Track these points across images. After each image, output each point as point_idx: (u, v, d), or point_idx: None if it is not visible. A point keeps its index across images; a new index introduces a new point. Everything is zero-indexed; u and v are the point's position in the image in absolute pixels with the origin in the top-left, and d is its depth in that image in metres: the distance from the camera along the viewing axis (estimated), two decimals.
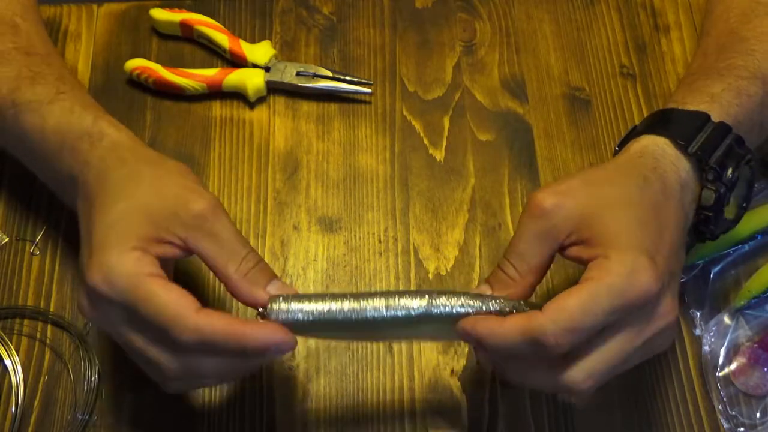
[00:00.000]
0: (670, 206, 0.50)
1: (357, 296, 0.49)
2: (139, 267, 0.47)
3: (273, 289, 0.51)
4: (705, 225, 0.53)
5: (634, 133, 0.55)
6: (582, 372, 0.46)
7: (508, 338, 0.46)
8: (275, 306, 0.49)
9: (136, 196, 0.50)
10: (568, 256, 0.49)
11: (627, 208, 0.48)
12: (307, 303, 0.49)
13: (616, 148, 0.56)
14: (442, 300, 0.49)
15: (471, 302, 0.49)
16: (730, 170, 0.52)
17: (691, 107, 0.55)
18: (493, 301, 0.49)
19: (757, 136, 0.57)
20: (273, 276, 0.52)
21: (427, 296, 0.49)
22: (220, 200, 0.51)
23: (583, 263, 0.48)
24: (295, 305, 0.49)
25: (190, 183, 0.52)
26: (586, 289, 0.45)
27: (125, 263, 0.47)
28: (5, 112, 0.56)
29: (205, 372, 0.49)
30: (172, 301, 0.46)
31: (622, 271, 0.45)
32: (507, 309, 0.49)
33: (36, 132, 0.55)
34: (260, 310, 0.50)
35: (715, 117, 0.53)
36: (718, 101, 0.55)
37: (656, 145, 0.52)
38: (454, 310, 0.49)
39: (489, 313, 0.48)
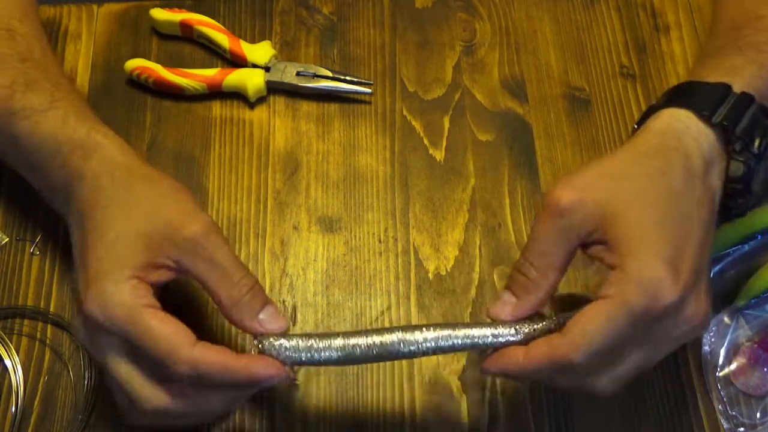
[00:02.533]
0: (694, 189, 0.48)
1: (348, 335, 0.49)
2: (136, 298, 0.47)
3: (265, 315, 0.50)
4: (734, 199, 0.51)
5: (652, 110, 0.53)
6: (607, 380, 0.47)
7: (534, 369, 0.47)
8: (265, 342, 0.50)
9: (130, 219, 0.50)
10: (590, 255, 0.48)
11: (647, 206, 0.47)
12: (297, 341, 0.50)
13: (635, 126, 0.54)
14: (445, 336, 0.49)
15: (469, 333, 0.49)
16: (758, 141, 0.50)
17: (711, 80, 0.53)
18: (503, 328, 0.49)
19: None
20: (266, 301, 0.51)
21: (433, 330, 0.49)
22: (215, 223, 0.51)
23: (605, 265, 0.47)
24: (285, 343, 0.50)
25: (185, 204, 0.51)
26: (606, 311, 0.45)
27: (121, 293, 0.47)
28: None
29: (200, 406, 0.49)
30: (169, 335, 0.47)
31: (641, 291, 0.45)
32: (521, 334, 0.49)
33: (29, 141, 0.54)
34: (255, 342, 0.50)
35: (737, 88, 0.51)
36: (739, 74, 0.53)
37: (677, 119, 0.50)
38: (456, 344, 0.49)
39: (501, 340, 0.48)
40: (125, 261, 0.48)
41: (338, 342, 0.49)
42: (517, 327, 0.49)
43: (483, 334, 0.49)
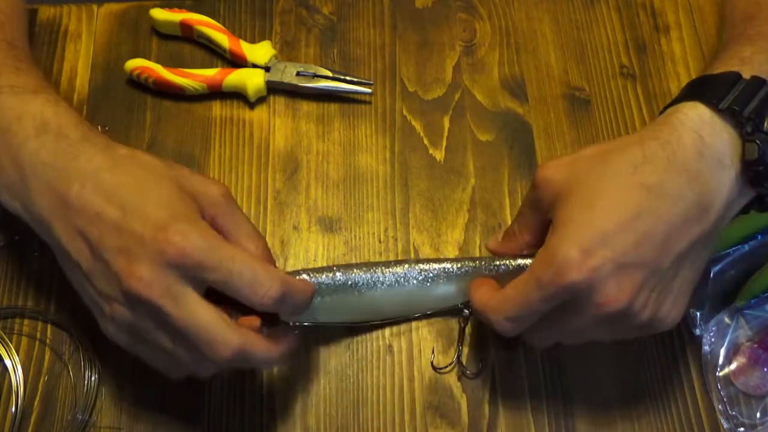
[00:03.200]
0: (669, 186, 0.48)
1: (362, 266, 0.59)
2: (213, 232, 0.50)
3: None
4: (759, 183, 0.50)
5: (666, 107, 0.53)
6: (536, 339, 0.54)
7: (478, 309, 0.54)
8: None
9: (164, 181, 0.51)
10: None
11: (593, 190, 0.49)
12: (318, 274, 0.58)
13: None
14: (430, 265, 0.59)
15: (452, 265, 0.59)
16: (765, 120, 0.49)
17: (721, 71, 0.52)
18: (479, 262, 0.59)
19: None
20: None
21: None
22: None
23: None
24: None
25: (195, 173, 0.54)
26: (523, 282, 0.50)
27: (201, 228, 0.49)
28: None
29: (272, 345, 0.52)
30: (255, 260, 0.49)
31: (548, 266, 0.48)
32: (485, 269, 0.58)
33: (13, 115, 0.53)
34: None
35: (747, 75, 0.51)
36: (749, 63, 0.53)
37: (681, 111, 0.51)
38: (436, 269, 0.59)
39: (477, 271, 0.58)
40: (188, 209, 0.50)
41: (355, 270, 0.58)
42: (491, 263, 0.58)
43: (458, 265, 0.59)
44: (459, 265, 0.59)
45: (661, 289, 0.49)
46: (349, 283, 0.58)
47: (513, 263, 0.57)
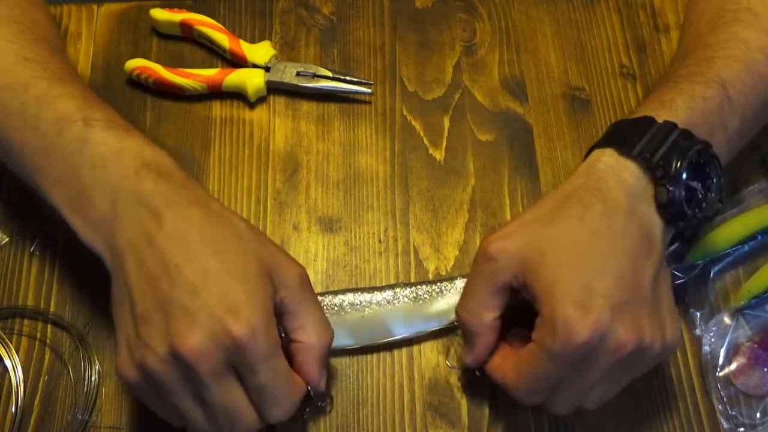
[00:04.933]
0: (612, 225, 0.51)
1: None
2: (277, 336, 0.49)
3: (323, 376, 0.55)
4: (674, 222, 0.53)
5: (589, 151, 0.55)
6: (556, 405, 0.52)
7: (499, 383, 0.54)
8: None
9: (244, 253, 0.50)
10: (525, 300, 0.52)
11: (561, 249, 0.50)
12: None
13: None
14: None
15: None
16: (674, 162, 0.51)
17: (640, 114, 0.55)
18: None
19: (723, 139, 0.56)
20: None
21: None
22: None
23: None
24: None
25: (278, 248, 0.54)
26: (530, 355, 0.50)
27: (270, 327, 0.49)
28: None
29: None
30: (291, 381, 0.51)
31: (553, 332, 0.48)
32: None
33: (110, 151, 0.53)
34: None
35: (661, 119, 0.53)
36: (668, 106, 0.55)
37: (599, 159, 0.53)
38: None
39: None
40: (264, 294, 0.50)
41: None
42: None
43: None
44: (448, 283, 0.60)
45: (657, 315, 0.51)
46: (338, 303, 0.59)
47: None
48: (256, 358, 0.48)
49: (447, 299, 0.60)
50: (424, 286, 0.60)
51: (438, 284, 0.61)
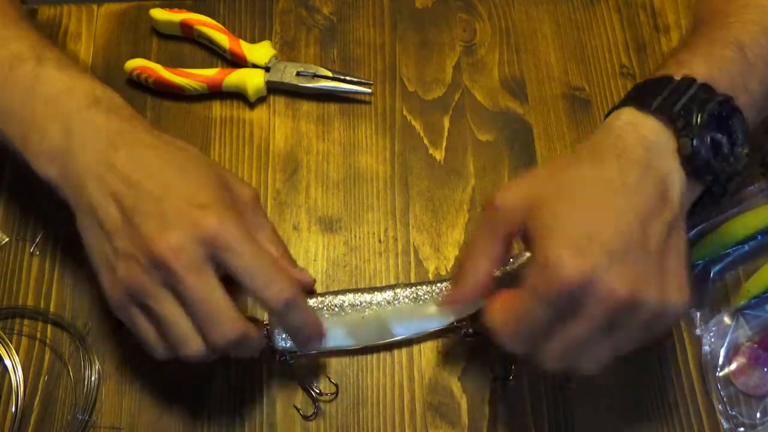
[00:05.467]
0: (628, 180, 0.50)
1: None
2: (246, 226, 0.52)
3: (297, 273, 0.58)
4: (700, 175, 0.51)
5: (607, 114, 0.55)
6: (546, 356, 0.50)
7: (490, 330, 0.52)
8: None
9: (203, 163, 0.54)
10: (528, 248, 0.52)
11: (567, 197, 0.50)
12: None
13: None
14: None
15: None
16: (695, 113, 0.50)
17: (658, 75, 0.54)
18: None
19: (745, 101, 0.54)
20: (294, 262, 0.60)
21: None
22: None
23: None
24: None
25: (227, 171, 0.58)
26: (521, 293, 0.49)
27: (235, 218, 0.51)
28: None
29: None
30: (273, 263, 0.52)
31: (542, 273, 0.48)
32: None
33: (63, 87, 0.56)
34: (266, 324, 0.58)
35: (678, 77, 0.53)
36: (686, 66, 0.54)
37: (618, 118, 0.53)
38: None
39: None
40: (225, 198, 0.53)
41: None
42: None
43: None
44: (448, 285, 0.60)
45: (659, 270, 0.49)
46: (338, 303, 0.60)
47: (504, 269, 0.58)
48: (234, 240, 0.50)
49: None
50: (424, 287, 0.60)
51: (438, 284, 0.61)
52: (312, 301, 0.59)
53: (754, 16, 0.57)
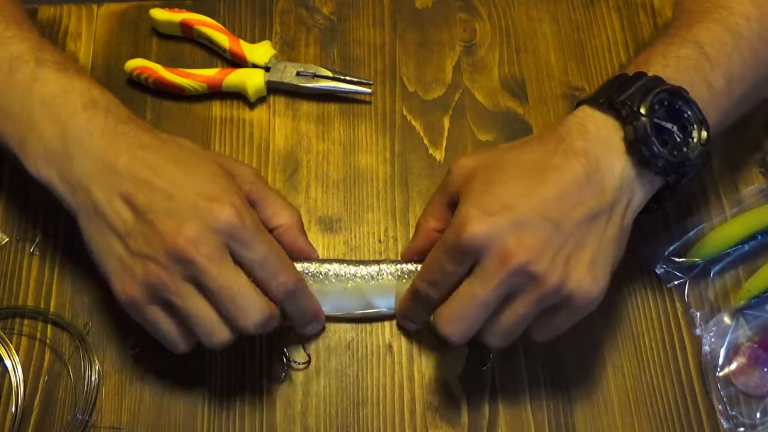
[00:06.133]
0: (557, 160, 0.52)
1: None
2: (258, 217, 0.54)
3: (306, 244, 0.61)
4: (648, 163, 0.52)
5: None
6: (448, 314, 0.52)
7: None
8: None
9: (203, 161, 0.55)
10: None
11: (498, 168, 0.53)
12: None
13: None
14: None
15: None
16: (638, 101, 0.52)
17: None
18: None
19: (708, 97, 0.54)
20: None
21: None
22: None
23: None
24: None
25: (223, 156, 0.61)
26: (434, 247, 0.54)
27: (248, 208, 0.53)
28: None
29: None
30: (282, 251, 0.55)
31: (451, 227, 0.52)
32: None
33: (60, 89, 0.56)
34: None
35: (631, 72, 0.54)
36: (641, 66, 0.55)
37: (573, 114, 0.55)
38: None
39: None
40: (233, 186, 0.54)
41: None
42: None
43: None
44: None
45: (567, 253, 0.50)
46: (323, 272, 0.61)
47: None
48: (248, 233, 0.52)
49: None
50: (410, 266, 0.61)
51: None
52: (298, 266, 0.60)
53: (716, 16, 0.58)
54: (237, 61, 0.71)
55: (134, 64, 0.69)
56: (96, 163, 0.53)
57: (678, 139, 0.52)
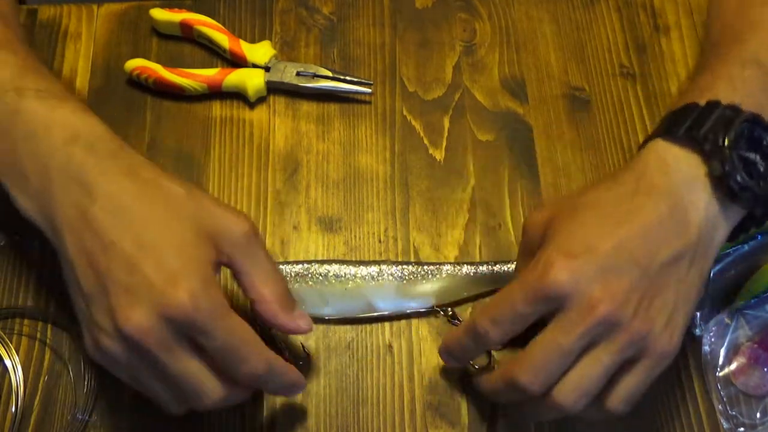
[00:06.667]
0: (639, 201, 0.50)
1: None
2: (221, 295, 0.49)
3: (298, 313, 0.53)
4: (737, 198, 0.50)
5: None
6: (519, 367, 0.49)
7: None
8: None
9: (181, 219, 0.50)
10: None
11: (576, 212, 0.51)
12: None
13: None
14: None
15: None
16: (721, 134, 0.50)
17: (681, 104, 0.54)
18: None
19: None
20: (295, 302, 0.54)
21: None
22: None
23: None
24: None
25: (222, 204, 0.53)
26: (510, 286, 0.51)
27: (211, 289, 0.48)
28: None
29: (246, 393, 0.53)
30: (251, 335, 0.50)
31: (532, 269, 0.49)
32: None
33: (40, 121, 0.53)
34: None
35: (703, 102, 0.53)
36: (708, 90, 0.53)
37: (646, 148, 0.53)
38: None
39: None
40: (204, 258, 0.49)
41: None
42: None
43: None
44: (434, 268, 0.62)
45: (651, 297, 0.49)
46: (323, 272, 0.61)
47: (492, 268, 0.62)
48: (205, 321, 0.47)
49: (431, 283, 0.61)
50: (410, 267, 0.62)
51: (425, 267, 0.62)
52: (297, 268, 0.61)
53: (765, 33, 0.57)
54: (237, 61, 0.71)
55: (134, 64, 0.69)
56: (71, 210, 0.50)
57: (761, 169, 0.50)
